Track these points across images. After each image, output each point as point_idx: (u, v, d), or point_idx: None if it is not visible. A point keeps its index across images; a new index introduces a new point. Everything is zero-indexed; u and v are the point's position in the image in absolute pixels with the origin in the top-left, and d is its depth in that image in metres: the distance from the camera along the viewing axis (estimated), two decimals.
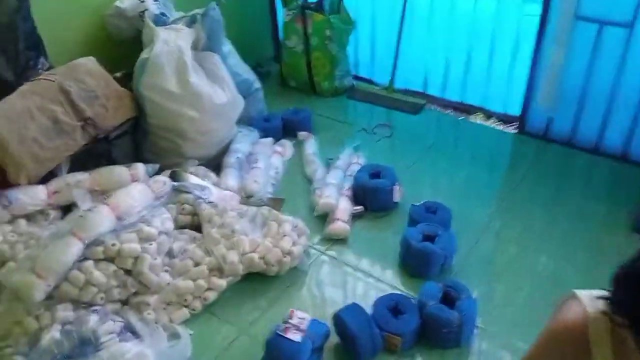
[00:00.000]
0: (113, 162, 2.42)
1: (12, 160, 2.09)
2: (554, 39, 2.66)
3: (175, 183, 2.26)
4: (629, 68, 2.56)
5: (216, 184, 2.41)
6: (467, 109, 3.25)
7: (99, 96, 2.35)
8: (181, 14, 2.70)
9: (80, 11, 2.63)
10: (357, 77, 3.59)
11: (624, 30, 2.49)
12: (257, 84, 2.98)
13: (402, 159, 2.78)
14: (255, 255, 2.06)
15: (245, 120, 2.84)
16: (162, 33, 2.49)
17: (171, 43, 2.47)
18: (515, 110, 3.08)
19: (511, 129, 3.09)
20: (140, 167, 2.36)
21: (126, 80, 2.54)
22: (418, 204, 2.30)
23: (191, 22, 2.63)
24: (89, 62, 2.41)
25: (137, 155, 2.57)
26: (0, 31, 2.18)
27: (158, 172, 2.40)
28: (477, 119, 3.19)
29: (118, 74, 2.56)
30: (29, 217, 2.14)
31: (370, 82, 3.57)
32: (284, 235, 2.14)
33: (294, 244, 2.12)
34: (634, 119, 2.66)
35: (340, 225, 2.30)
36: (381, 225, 2.39)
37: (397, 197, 2.44)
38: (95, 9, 2.67)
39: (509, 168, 2.85)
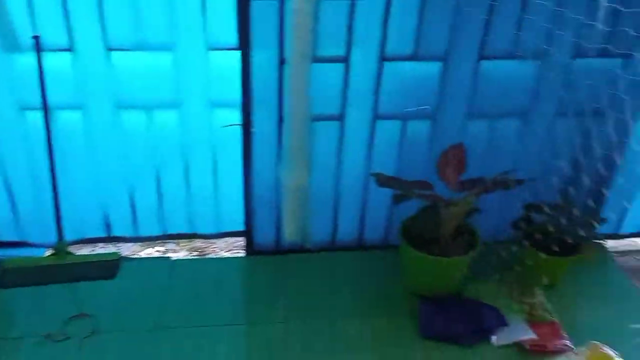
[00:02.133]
0: None
1: None
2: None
3: None
4: (346, 158, 2.33)
5: None
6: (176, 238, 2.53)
7: None
8: None
9: None
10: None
11: (336, 123, 2.23)
12: None
13: None
14: None
15: None
16: None
17: None
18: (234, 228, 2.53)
19: (238, 253, 2.54)
20: None
21: None
22: None
23: None
24: None
25: None
26: None
27: None
28: (193, 252, 2.50)
29: None
30: None
31: (24, 244, 2.40)
32: None
33: None
34: (362, 209, 2.47)
35: None
36: None
37: None
38: None
39: (253, 302, 2.27)
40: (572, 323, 2.16)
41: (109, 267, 2.33)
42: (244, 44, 2.01)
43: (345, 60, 2.07)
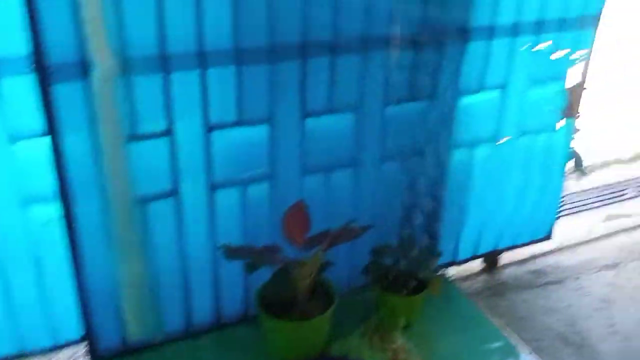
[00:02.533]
0: None
1: None
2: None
3: None
4: (188, 235, 2.20)
5: None
6: None
7: None
8: None
9: None
10: None
11: (170, 199, 2.11)
12: None
13: None
14: None
15: None
16: None
17: None
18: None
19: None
20: None
21: None
22: None
23: None
24: None
25: None
26: None
27: None
28: None
29: None
30: None
31: None
32: None
33: None
34: (215, 285, 2.34)
35: None
36: None
37: None
38: None
39: None
40: (434, 358, 2.22)
41: None
42: (53, 130, 1.82)
43: (168, 133, 1.98)
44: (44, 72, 1.71)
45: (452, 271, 3.04)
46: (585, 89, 2.74)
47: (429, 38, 2.04)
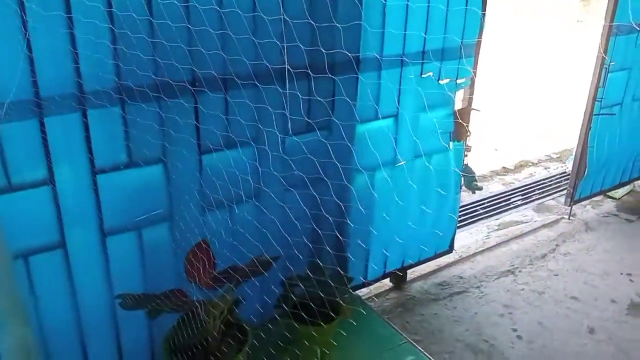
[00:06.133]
0: None
1: None
2: None
3: None
4: (81, 287, 2.02)
5: None
6: None
7: None
8: None
9: None
10: None
11: (58, 251, 1.93)
12: None
13: None
14: None
15: None
16: None
17: None
18: None
19: None
20: None
21: None
22: None
23: None
24: None
25: None
26: None
27: None
28: None
29: None
30: None
31: None
32: None
33: None
34: (116, 338, 2.16)
35: None
36: None
37: None
38: None
39: None
40: None
41: None
42: None
43: (50, 181, 1.82)
44: None
45: (364, 291, 3.07)
46: (472, 109, 2.92)
47: (322, 70, 2.07)
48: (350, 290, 2.61)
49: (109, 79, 1.80)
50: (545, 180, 4.68)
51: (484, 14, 2.70)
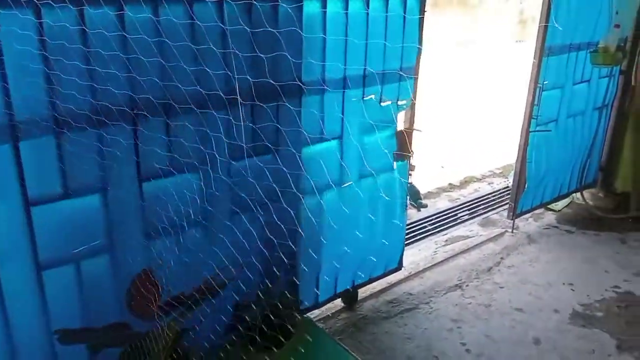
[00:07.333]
0: None
1: None
2: None
3: None
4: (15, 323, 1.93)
5: None
6: None
7: None
8: None
9: None
10: None
11: None
12: None
13: None
14: None
15: None
16: None
17: None
18: None
19: None
20: None
21: None
22: None
23: None
24: None
25: None
26: None
27: None
28: None
29: None
30: None
31: None
32: None
33: None
34: None
35: None
36: None
37: None
38: None
39: None
40: None
41: None
42: None
43: None
44: None
45: (316, 313, 3.06)
46: (414, 130, 2.99)
47: (265, 95, 2.08)
48: (299, 314, 2.60)
49: (41, 108, 1.74)
50: (489, 195, 4.83)
51: (421, 36, 2.79)
